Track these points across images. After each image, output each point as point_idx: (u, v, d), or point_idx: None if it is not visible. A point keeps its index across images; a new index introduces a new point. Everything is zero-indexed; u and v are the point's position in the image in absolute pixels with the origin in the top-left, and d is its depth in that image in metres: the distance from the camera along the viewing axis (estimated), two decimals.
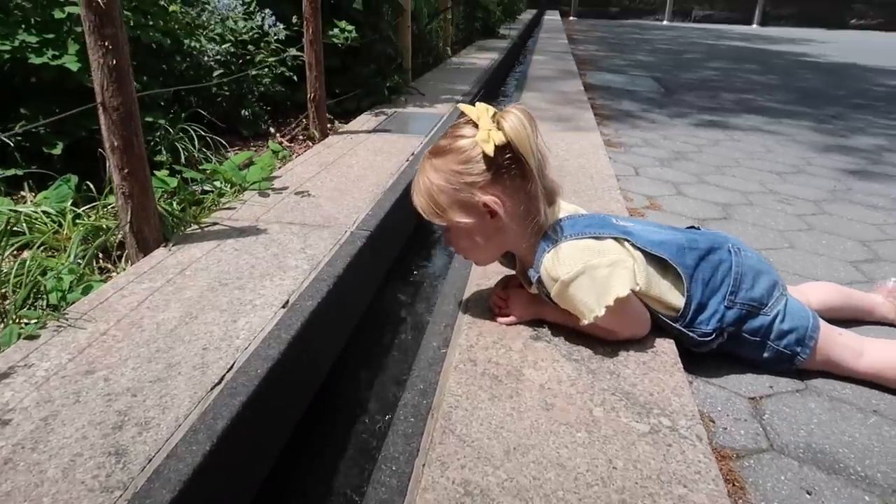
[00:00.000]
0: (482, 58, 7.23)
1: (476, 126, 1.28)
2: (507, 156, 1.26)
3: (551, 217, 1.37)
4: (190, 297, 1.50)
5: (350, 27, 3.64)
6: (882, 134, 4.49)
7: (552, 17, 18.80)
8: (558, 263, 1.28)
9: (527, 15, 18.25)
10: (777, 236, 2.35)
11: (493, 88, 6.19)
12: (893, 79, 8.14)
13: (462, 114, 1.32)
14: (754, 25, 23.80)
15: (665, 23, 23.57)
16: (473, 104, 1.31)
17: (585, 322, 1.28)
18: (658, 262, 1.37)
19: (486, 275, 1.65)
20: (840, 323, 1.53)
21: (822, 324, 1.43)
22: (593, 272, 1.26)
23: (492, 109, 1.29)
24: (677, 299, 1.36)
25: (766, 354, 1.42)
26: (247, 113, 3.40)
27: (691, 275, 1.36)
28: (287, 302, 1.50)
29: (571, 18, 22.03)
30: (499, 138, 1.24)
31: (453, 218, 1.32)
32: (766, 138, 4.15)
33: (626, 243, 1.35)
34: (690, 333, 1.38)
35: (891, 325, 1.67)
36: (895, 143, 4.22)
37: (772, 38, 16.10)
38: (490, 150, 1.24)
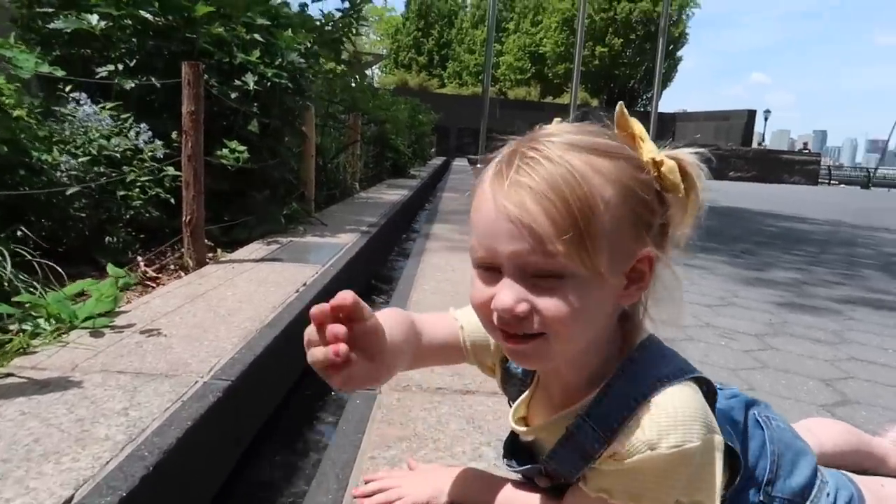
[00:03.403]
0: (392, 193, 7.06)
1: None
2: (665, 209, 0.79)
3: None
4: None
5: (241, 148, 3.27)
6: (792, 268, 4.46)
7: (461, 163, 19.47)
8: (664, 420, 0.74)
9: (437, 161, 18.86)
10: (731, 376, 2.02)
11: (405, 222, 5.96)
12: (781, 221, 8.61)
13: (621, 116, 0.80)
14: None
15: None
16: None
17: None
18: None
19: (385, 443, 1.17)
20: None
21: (862, 484, 1.03)
22: (712, 453, 0.75)
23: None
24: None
25: None
26: (113, 240, 2.89)
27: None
28: (70, 499, 0.96)
29: (479, 166, 22.96)
30: (674, 171, 0.77)
31: (599, 259, 0.71)
32: (686, 270, 3.98)
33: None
34: None
35: None
36: (809, 276, 4.17)
37: None
38: (676, 176, 0.77)
